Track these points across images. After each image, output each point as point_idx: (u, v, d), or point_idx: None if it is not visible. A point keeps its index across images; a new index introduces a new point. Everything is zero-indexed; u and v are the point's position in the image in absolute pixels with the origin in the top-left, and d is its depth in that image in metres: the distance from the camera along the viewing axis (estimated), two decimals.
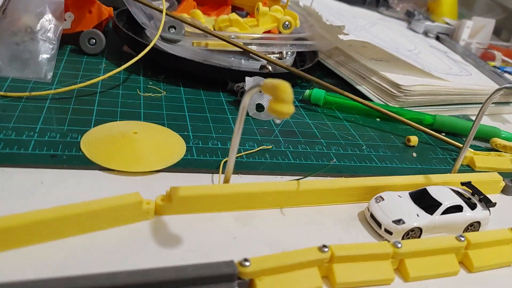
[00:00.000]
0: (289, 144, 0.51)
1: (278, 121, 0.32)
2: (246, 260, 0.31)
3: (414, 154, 0.55)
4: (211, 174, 0.43)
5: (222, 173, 0.43)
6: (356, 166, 0.49)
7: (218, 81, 0.62)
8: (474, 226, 0.42)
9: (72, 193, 0.38)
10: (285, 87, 0.31)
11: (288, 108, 0.31)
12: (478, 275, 0.39)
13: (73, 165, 0.41)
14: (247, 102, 0.35)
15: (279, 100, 0.31)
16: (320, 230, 0.40)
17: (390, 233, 0.39)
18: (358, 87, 0.68)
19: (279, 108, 0.31)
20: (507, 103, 0.75)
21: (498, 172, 0.51)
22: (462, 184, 0.46)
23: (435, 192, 0.42)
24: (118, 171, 0.41)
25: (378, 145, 0.55)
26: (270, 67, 0.64)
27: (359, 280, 0.34)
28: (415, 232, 0.40)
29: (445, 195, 0.42)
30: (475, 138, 0.61)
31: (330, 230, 0.40)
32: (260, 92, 0.56)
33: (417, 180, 0.45)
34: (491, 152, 0.57)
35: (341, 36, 0.68)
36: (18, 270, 0.30)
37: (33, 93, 0.50)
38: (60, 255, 0.32)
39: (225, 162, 0.41)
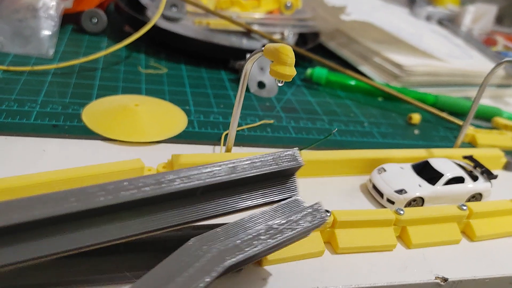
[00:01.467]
0: (291, 120, 0.51)
1: (280, 84, 0.32)
2: None
3: (416, 132, 0.55)
4: (212, 146, 0.43)
5: (224, 145, 0.43)
6: (358, 141, 0.49)
7: (219, 59, 0.61)
8: (475, 197, 0.42)
9: (74, 160, 0.38)
10: (286, 49, 0.31)
11: (290, 70, 0.31)
12: (479, 244, 0.39)
13: (74, 135, 0.41)
14: (249, 68, 0.35)
15: (281, 62, 0.31)
16: (322, 200, 0.39)
17: (392, 202, 0.39)
18: (360, 68, 0.68)
19: (281, 70, 0.31)
20: (508, 85, 0.75)
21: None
22: (464, 157, 0.46)
23: (437, 164, 0.42)
24: (119, 141, 0.41)
25: (380, 123, 0.55)
26: None
27: (361, 246, 0.34)
28: (417, 202, 0.40)
29: (447, 167, 0.42)
30: (477, 118, 0.61)
31: (332, 200, 0.40)
32: (262, 69, 0.56)
33: (419, 154, 0.45)
34: (492, 130, 0.57)
35: (342, 17, 0.68)
36: None
37: (36, 67, 0.50)
38: None
39: (227, 134, 0.41)
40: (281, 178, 0.30)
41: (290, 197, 0.30)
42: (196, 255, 0.24)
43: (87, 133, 0.41)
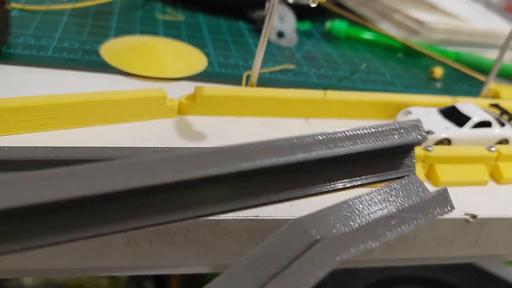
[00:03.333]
0: (312, 67, 0.49)
1: (313, 5, 0.31)
2: None
3: (438, 85, 0.54)
4: (233, 86, 0.42)
5: (246, 84, 0.42)
6: (380, 90, 0.48)
7: (237, 10, 0.60)
8: (502, 143, 0.41)
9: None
10: None
11: None
12: (507, 186, 0.38)
13: (93, 68, 0.40)
14: None
15: None
16: None
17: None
18: (379, 25, 0.66)
19: None
20: None
21: None
22: (491, 105, 0.44)
23: (464, 108, 0.41)
24: (139, 76, 0.40)
25: (402, 75, 0.54)
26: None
27: None
28: (444, 144, 0.38)
29: (474, 111, 0.41)
30: (499, 76, 0.60)
31: None
32: (281, 18, 0.55)
33: (444, 100, 0.44)
34: None
35: None
36: None
37: (52, 6, 0.49)
38: (82, 142, 0.31)
39: (248, 75, 0.40)
40: (398, 153, 0.25)
41: (406, 175, 0.25)
42: (305, 240, 0.19)
43: (106, 68, 0.40)
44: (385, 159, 0.24)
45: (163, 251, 0.28)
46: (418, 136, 0.24)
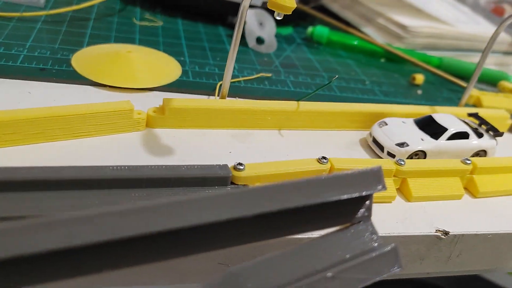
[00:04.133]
0: (289, 74, 0.49)
1: (278, 18, 0.30)
2: (240, 164, 0.30)
3: (419, 92, 0.53)
4: (206, 96, 0.42)
5: (218, 95, 0.41)
6: (359, 98, 0.47)
7: (217, 14, 0.59)
8: (480, 155, 0.41)
9: (61, 104, 0.36)
10: None
11: (290, 1, 0.29)
12: (482, 200, 0.37)
13: (63, 79, 0.39)
14: (247, 3, 0.33)
15: None
16: (320, 153, 0.38)
17: (393, 156, 0.37)
18: (363, 29, 0.66)
19: (280, 1, 0.29)
20: None
21: None
22: (469, 115, 0.44)
23: (441, 118, 0.40)
24: (110, 86, 0.39)
25: (382, 82, 0.53)
26: None
27: None
28: (419, 156, 0.38)
29: (451, 122, 0.40)
30: (482, 81, 0.59)
31: (330, 153, 0.38)
32: (261, 24, 0.54)
33: (422, 110, 0.44)
34: (498, 94, 0.55)
35: None
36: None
37: (25, 14, 0.48)
38: (46, 158, 0.30)
39: (221, 85, 0.39)
40: (356, 201, 0.24)
41: (359, 222, 0.24)
42: None
43: (76, 78, 0.39)
44: (341, 208, 0.23)
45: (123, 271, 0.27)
46: (378, 186, 0.23)
